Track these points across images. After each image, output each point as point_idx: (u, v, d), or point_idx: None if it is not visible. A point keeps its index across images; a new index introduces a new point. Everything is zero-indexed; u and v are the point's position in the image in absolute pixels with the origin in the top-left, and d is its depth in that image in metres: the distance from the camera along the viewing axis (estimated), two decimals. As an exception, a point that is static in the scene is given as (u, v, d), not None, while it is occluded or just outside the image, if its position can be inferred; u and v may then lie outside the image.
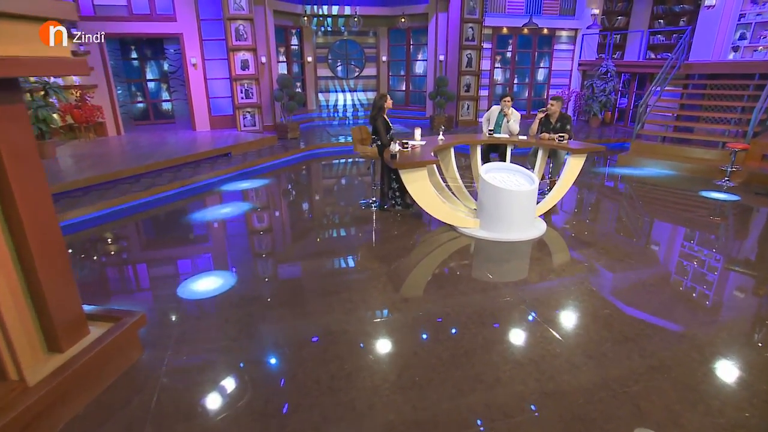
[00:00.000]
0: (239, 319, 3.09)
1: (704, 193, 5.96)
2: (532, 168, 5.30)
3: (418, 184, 4.40)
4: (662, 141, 8.04)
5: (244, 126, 9.28)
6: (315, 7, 10.37)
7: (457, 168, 5.36)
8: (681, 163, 7.14)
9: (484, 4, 9.68)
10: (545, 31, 11.04)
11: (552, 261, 3.95)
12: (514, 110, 5.72)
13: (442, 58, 10.52)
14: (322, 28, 10.96)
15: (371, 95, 11.88)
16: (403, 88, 11.75)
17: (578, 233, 4.76)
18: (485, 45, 10.78)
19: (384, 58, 11.53)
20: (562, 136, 5.11)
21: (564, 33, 11.24)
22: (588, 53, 11.28)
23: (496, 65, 11.32)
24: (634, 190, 6.40)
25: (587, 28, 10.61)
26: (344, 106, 11.72)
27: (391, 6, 10.72)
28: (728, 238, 4.50)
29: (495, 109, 5.87)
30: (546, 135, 5.36)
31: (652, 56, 10.97)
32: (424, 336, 2.79)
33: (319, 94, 11.45)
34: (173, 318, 3.12)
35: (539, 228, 4.63)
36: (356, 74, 11.66)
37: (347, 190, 6.43)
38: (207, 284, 3.56)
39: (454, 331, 2.85)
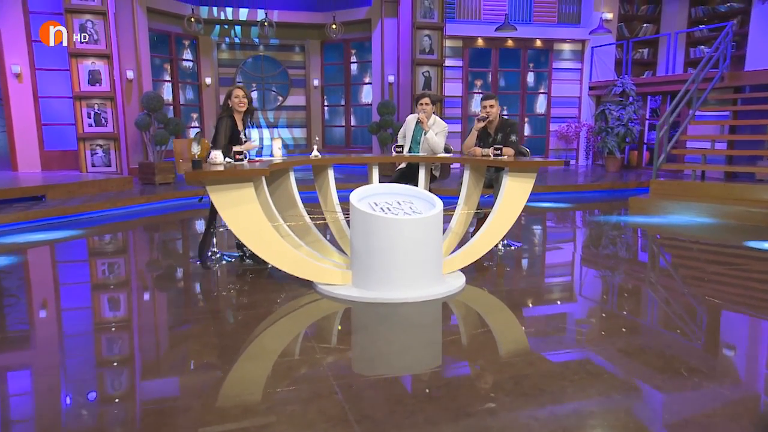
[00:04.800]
0: None
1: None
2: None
3: (239, 211, 3.83)
4: (699, 177, 7.74)
5: (93, 165, 8.97)
6: (215, 9, 10.68)
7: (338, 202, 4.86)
8: (728, 207, 6.75)
9: (444, 4, 9.95)
10: (538, 43, 11.31)
11: (495, 345, 3.19)
12: (437, 119, 5.40)
13: (392, 78, 10.60)
14: (227, 39, 11.20)
15: (299, 133, 11.82)
16: (343, 123, 11.72)
17: (545, 302, 4.13)
18: (453, 62, 10.95)
19: (316, 82, 11.66)
20: (500, 148, 4.69)
21: (566, 46, 11.49)
22: (602, 72, 11.44)
23: (476, 90, 11.43)
24: (656, 247, 5.96)
25: (590, 33, 10.84)
26: (260, 147, 11.60)
27: (323, 11, 11.07)
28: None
29: (412, 119, 5.55)
30: (478, 150, 4.96)
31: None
32: None
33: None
34: None
35: (450, 283, 4.01)
36: (278, 104, 11.69)
37: (192, 242, 6.02)
38: None
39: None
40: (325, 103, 11.85)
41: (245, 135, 4.77)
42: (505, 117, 5.27)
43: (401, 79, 10.44)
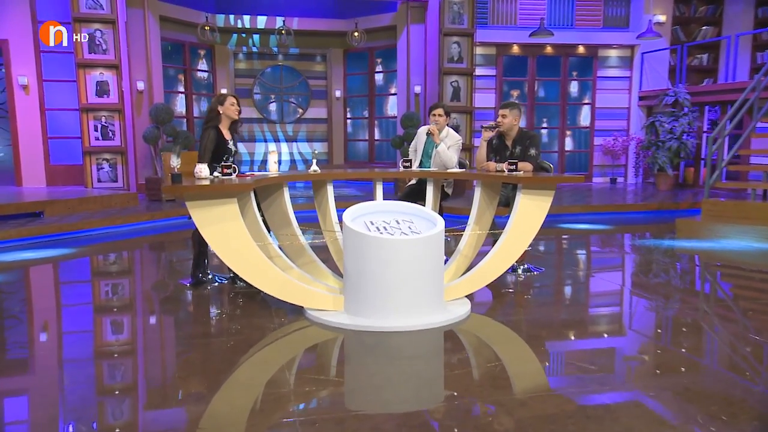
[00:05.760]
0: None
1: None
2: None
3: (221, 229, 3.86)
4: (760, 197, 7.42)
5: (100, 181, 9.25)
6: (231, 16, 10.97)
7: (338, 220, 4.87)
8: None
9: (474, 9, 9.96)
10: (581, 49, 11.16)
11: (487, 382, 3.11)
12: (450, 131, 5.38)
13: (418, 89, 10.63)
14: (245, 49, 11.47)
15: (319, 147, 11.94)
16: (367, 137, 11.80)
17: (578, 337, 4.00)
18: (485, 70, 10.92)
19: (338, 93, 11.79)
20: (515, 163, 4.61)
21: (613, 52, 11.33)
22: (653, 80, 11.21)
23: (513, 101, 11.33)
24: (707, 275, 5.71)
25: (637, 37, 10.65)
26: (278, 162, 11.75)
27: (346, 18, 11.24)
28: None
29: (423, 131, 5.56)
30: (492, 165, 4.89)
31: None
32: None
33: (239, 145, 11.61)
34: None
35: (452, 311, 3.95)
36: (298, 116, 11.87)
37: (187, 263, 6.09)
38: None
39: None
40: (348, 116, 11.96)
41: (234, 146, 4.85)
42: (527, 129, 5.19)
43: (428, 89, 10.46)
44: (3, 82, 9.27)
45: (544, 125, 11.48)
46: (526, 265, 5.21)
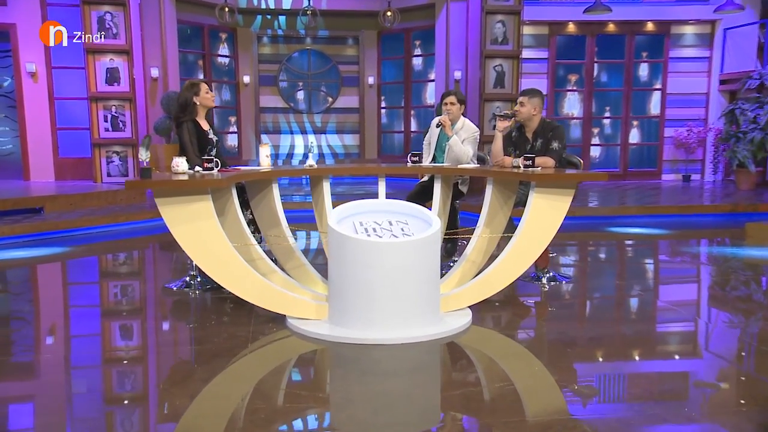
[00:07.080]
0: None
1: None
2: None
3: (192, 229, 3.95)
4: None
5: (109, 175, 9.61)
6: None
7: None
8: None
9: (523, -17, 9.85)
10: (650, 26, 10.85)
11: (466, 404, 3.03)
12: (467, 122, 5.36)
13: (458, 74, 10.58)
14: (269, 31, 11.68)
15: (350, 139, 12.03)
16: (402, 129, 11.81)
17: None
18: (536, 53, 10.78)
19: (371, 80, 11.84)
20: (531, 158, 4.53)
21: (689, 29, 10.99)
22: (738, 61, 10.82)
23: (568, 88, 11.14)
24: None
25: (714, 11, 10.24)
26: (305, 155, 11.93)
27: (379, -5, 11.30)
28: None
29: (436, 122, 5.55)
30: (508, 160, 4.83)
31: None
32: None
33: (264, 137, 11.82)
34: None
35: (448, 322, 3.92)
36: (327, 105, 11.98)
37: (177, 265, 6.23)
38: None
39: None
40: (382, 105, 12.00)
41: (215, 136, 4.98)
42: (550, 120, 5.10)
43: (470, 74, 10.39)
44: (10, 69, 9.78)
45: (606, 114, 11.23)
46: (551, 273, 5.11)
